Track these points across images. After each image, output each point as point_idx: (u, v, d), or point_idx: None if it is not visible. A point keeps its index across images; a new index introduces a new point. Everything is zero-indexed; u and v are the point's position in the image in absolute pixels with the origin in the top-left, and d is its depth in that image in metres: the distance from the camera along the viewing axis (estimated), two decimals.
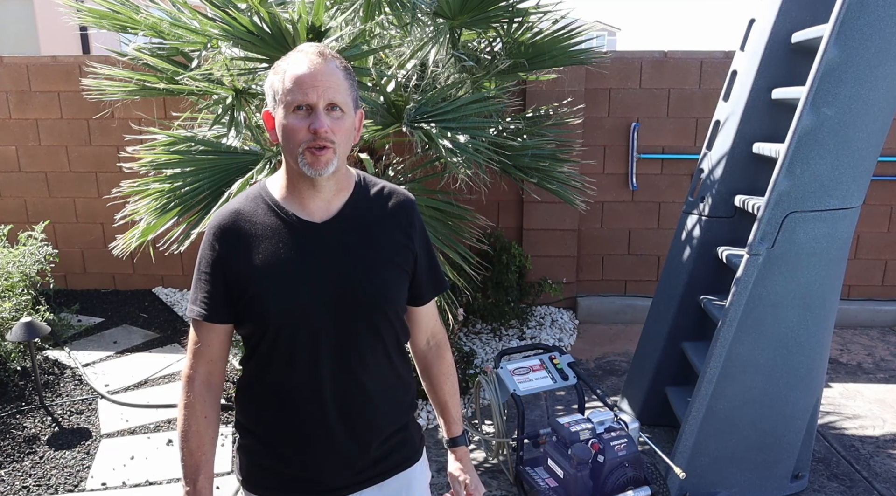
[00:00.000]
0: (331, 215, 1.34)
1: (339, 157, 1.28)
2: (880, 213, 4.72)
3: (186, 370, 1.36)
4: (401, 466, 1.45)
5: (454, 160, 2.71)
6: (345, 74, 1.28)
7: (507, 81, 3.35)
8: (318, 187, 1.31)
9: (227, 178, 2.92)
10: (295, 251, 1.30)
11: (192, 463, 1.32)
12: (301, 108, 1.24)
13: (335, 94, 1.25)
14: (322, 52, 1.27)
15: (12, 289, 3.89)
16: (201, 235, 2.98)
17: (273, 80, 1.29)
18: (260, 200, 1.35)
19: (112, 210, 4.99)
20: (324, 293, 1.29)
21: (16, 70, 4.82)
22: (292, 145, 1.26)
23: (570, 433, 2.40)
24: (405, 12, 2.98)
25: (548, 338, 4.44)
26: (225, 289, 1.31)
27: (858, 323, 4.72)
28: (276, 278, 1.28)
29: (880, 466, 3.02)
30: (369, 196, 1.40)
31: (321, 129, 1.23)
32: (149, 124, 4.77)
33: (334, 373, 1.32)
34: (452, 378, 1.57)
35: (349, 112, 1.29)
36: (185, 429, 1.33)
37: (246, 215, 1.33)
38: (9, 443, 3.18)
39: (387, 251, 1.36)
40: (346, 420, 1.34)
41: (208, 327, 1.33)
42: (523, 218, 4.80)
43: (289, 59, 1.28)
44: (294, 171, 1.30)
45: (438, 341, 1.56)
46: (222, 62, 2.85)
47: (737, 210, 3.03)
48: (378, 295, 1.33)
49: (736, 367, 2.60)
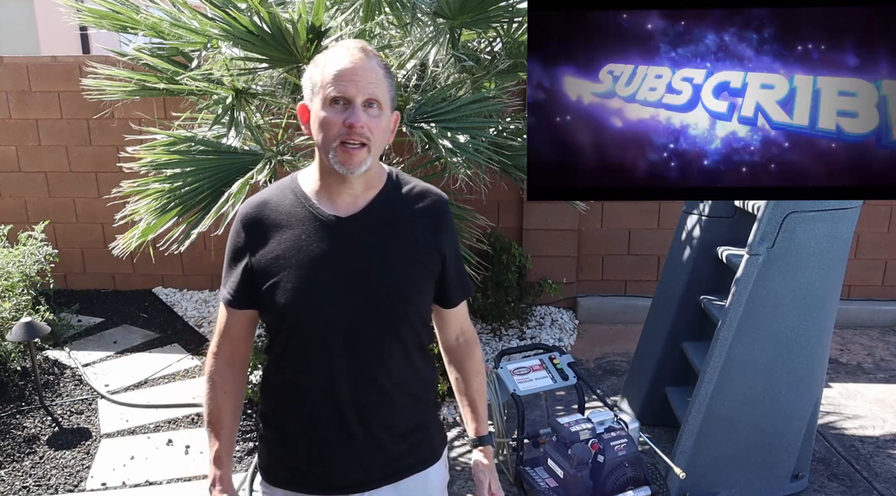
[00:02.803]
0: (357, 210, 1.32)
1: (372, 156, 1.27)
2: (880, 213, 4.72)
3: (212, 347, 1.41)
4: (417, 466, 1.43)
5: (454, 160, 2.71)
6: (385, 72, 1.28)
7: (507, 81, 3.35)
8: (347, 183, 1.31)
9: (227, 178, 2.92)
10: (316, 244, 1.29)
11: (212, 432, 1.40)
12: (338, 101, 1.23)
13: (374, 90, 1.24)
14: (364, 48, 1.27)
15: (12, 289, 3.89)
16: (201, 235, 2.98)
17: (312, 73, 1.28)
18: (289, 191, 1.35)
19: (112, 210, 4.98)
20: (340, 288, 1.29)
21: (16, 70, 4.82)
22: (326, 139, 1.25)
23: (570, 433, 2.40)
24: (405, 12, 2.98)
25: (548, 338, 4.44)
26: (248, 277, 1.32)
27: (858, 323, 4.72)
28: (295, 269, 1.28)
29: (880, 466, 3.02)
30: (400, 193, 1.38)
31: (357, 124, 1.21)
32: (149, 124, 4.76)
33: (349, 369, 1.31)
34: (481, 376, 1.55)
35: (386, 111, 1.28)
36: (207, 403, 1.40)
37: (273, 205, 1.34)
38: (9, 443, 3.18)
39: (410, 249, 1.34)
40: (361, 417, 1.34)
41: (232, 311, 1.37)
42: (523, 218, 4.80)
43: (330, 54, 1.27)
44: (325, 165, 1.29)
45: (468, 338, 1.54)
46: (222, 62, 2.85)
47: (737, 210, 3.03)
48: (396, 293, 1.32)
49: (736, 367, 2.60)
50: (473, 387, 1.53)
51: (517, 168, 3.22)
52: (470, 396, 1.53)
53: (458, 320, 1.51)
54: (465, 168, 2.79)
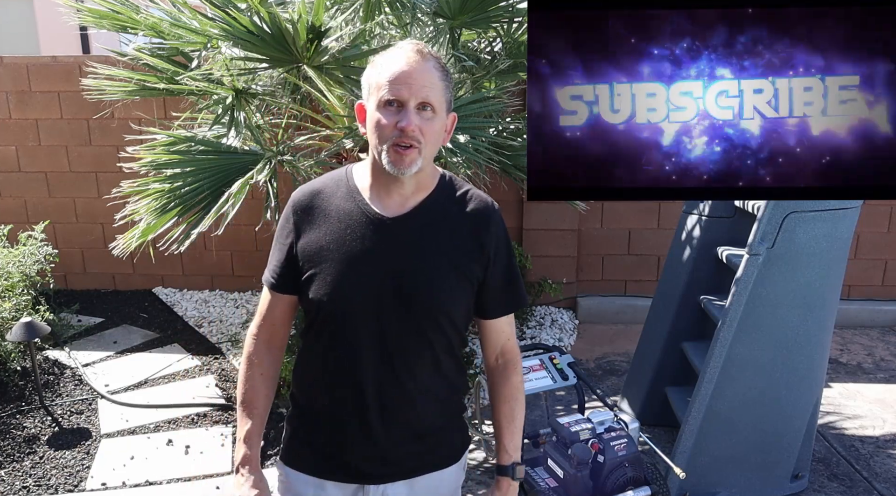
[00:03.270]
0: (403, 212, 1.33)
1: (424, 158, 1.27)
2: (880, 213, 4.72)
3: (253, 328, 1.43)
4: (434, 466, 1.43)
5: (454, 160, 2.71)
6: (441, 75, 1.28)
7: (507, 81, 3.35)
8: (398, 183, 1.31)
9: (227, 178, 2.92)
10: (359, 241, 1.31)
11: (246, 412, 1.40)
12: (392, 103, 1.24)
13: (428, 93, 1.24)
14: (421, 50, 1.27)
15: (12, 289, 3.88)
16: (201, 235, 2.98)
17: (370, 74, 1.29)
18: (342, 183, 1.37)
19: (112, 210, 4.98)
20: (375, 288, 1.30)
21: (16, 70, 4.82)
22: (379, 140, 1.26)
23: (570, 433, 2.40)
24: (405, 12, 2.98)
25: (548, 338, 4.44)
26: (292, 262, 1.35)
27: (858, 323, 4.72)
28: (335, 263, 1.30)
29: (880, 466, 3.02)
30: (450, 198, 1.38)
31: (408, 127, 1.22)
32: (149, 124, 4.76)
33: (376, 368, 1.32)
34: (513, 403, 1.47)
35: (441, 113, 1.28)
36: (244, 381, 1.41)
37: (325, 195, 1.36)
38: (9, 443, 3.18)
39: (452, 256, 1.33)
40: (383, 414, 1.34)
41: (273, 294, 1.40)
42: (523, 218, 4.79)
43: (387, 55, 1.28)
44: (377, 164, 1.30)
45: (507, 361, 1.48)
46: (222, 62, 2.85)
47: (737, 210, 3.03)
48: (430, 300, 1.31)
49: (736, 367, 2.60)
50: (503, 413, 1.47)
51: (517, 168, 3.22)
52: (498, 422, 1.48)
53: (499, 338, 1.46)
54: (465, 168, 2.79)
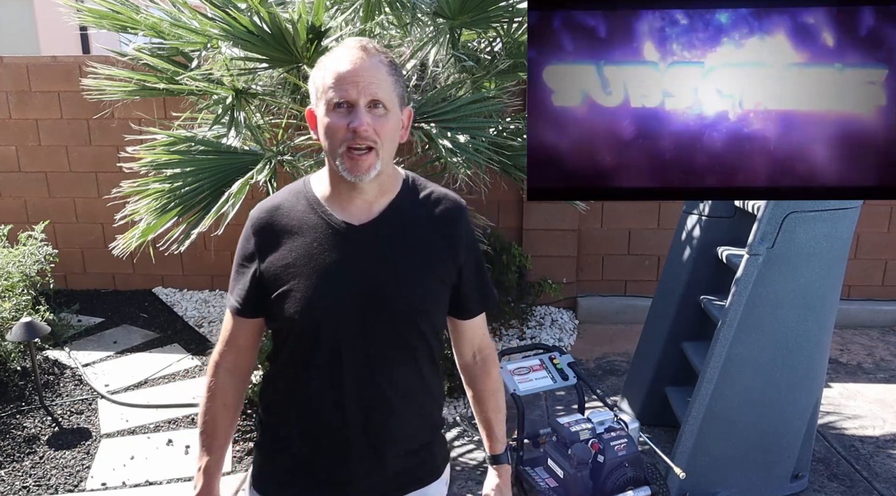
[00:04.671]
0: (371, 218, 1.28)
1: (382, 160, 1.22)
2: (880, 213, 4.72)
3: (215, 355, 1.36)
4: (418, 484, 1.39)
5: (454, 160, 2.71)
6: (389, 69, 1.22)
7: (507, 81, 3.35)
8: (359, 189, 1.26)
9: (227, 178, 2.92)
10: (328, 252, 1.25)
11: (206, 443, 1.34)
12: (341, 105, 1.19)
13: (377, 90, 1.19)
14: (365, 46, 1.22)
15: (12, 289, 3.88)
16: (201, 235, 2.98)
17: (315, 77, 1.24)
18: (301, 196, 1.31)
19: (112, 210, 4.98)
20: (352, 298, 1.25)
21: (16, 70, 4.82)
22: (332, 145, 1.21)
23: (570, 433, 2.40)
24: (405, 12, 2.98)
25: (548, 338, 4.44)
26: (257, 284, 1.29)
27: (858, 323, 4.72)
28: (305, 278, 1.25)
29: (880, 466, 3.02)
30: (415, 199, 1.33)
31: (361, 128, 1.17)
32: (149, 124, 4.76)
33: (358, 381, 1.27)
34: (498, 395, 1.50)
35: (394, 110, 1.22)
36: (205, 412, 1.35)
37: (286, 210, 1.30)
38: (9, 443, 3.18)
39: (426, 259, 1.30)
40: (367, 430, 1.30)
41: (238, 320, 1.33)
42: (523, 218, 4.80)
43: (332, 55, 1.23)
44: (335, 172, 1.25)
45: (485, 357, 1.48)
46: (222, 62, 2.85)
47: (737, 210, 3.03)
48: (409, 305, 1.28)
49: (736, 367, 2.60)
50: (489, 407, 1.49)
51: (517, 168, 3.22)
52: (486, 416, 1.50)
53: (475, 335, 1.46)
54: (465, 168, 2.79)
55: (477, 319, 1.45)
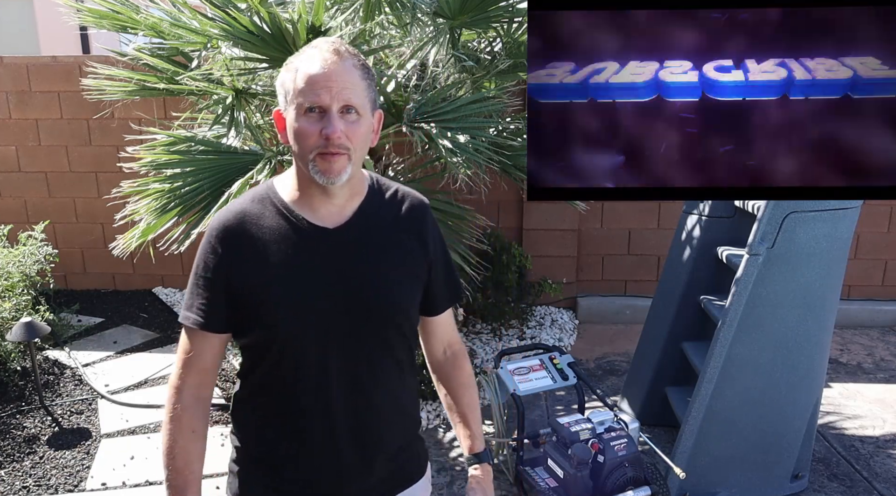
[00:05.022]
0: (343, 221, 1.26)
1: (353, 164, 1.19)
2: (880, 213, 4.72)
3: (175, 380, 1.26)
4: (405, 484, 1.39)
5: (454, 160, 2.71)
6: (362, 73, 1.19)
7: (507, 81, 3.35)
8: (330, 193, 1.23)
9: (227, 178, 2.92)
10: (306, 258, 1.22)
11: (179, 481, 1.24)
12: (313, 110, 1.15)
13: (350, 96, 1.16)
14: (337, 49, 1.18)
15: (12, 289, 3.89)
16: (202, 235, 2.97)
17: (285, 79, 1.20)
18: (268, 202, 1.26)
19: (112, 210, 4.98)
20: (335, 303, 1.22)
21: (16, 70, 4.82)
22: (303, 150, 1.18)
23: (570, 433, 2.40)
24: (405, 12, 2.98)
25: (548, 338, 4.44)
26: (227, 297, 1.23)
27: (858, 323, 4.72)
28: (287, 286, 1.21)
29: (880, 466, 3.02)
30: (383, 200, 1.31)
31: (334, 135, 1.14)
32: (149, 124, 4.76)
33: (344, 387, 1.25)
34: (472, 389, 1.47)
35: (366, 114, 1.19)
36: (170, 445, 1.24)
37: (252, 217, 1.24)
38: (9, 443, 3.18)
39: (401, 260, 1.29)
40: (355, 436, 1.28)
41: (203, 336, 1.25)
42: (523, 218, 4.80)
43: (302, 56, 1.19)
44: (305, 175, 1.22)
45: (455, 351, 1.47)
46: (222, 62, 2.85)
47: (737, 210, 3.03)
48: (392, 306, 1.27)
49: (736, 367, 2.60)
50: (464, 402, 1.45)
51: (517, 168, 3.22)
52: (461, 412, 1.46)
53: (445, 331, 1.45)
54: (465, 168, 2.78)
55: (446, 315, 1.44)
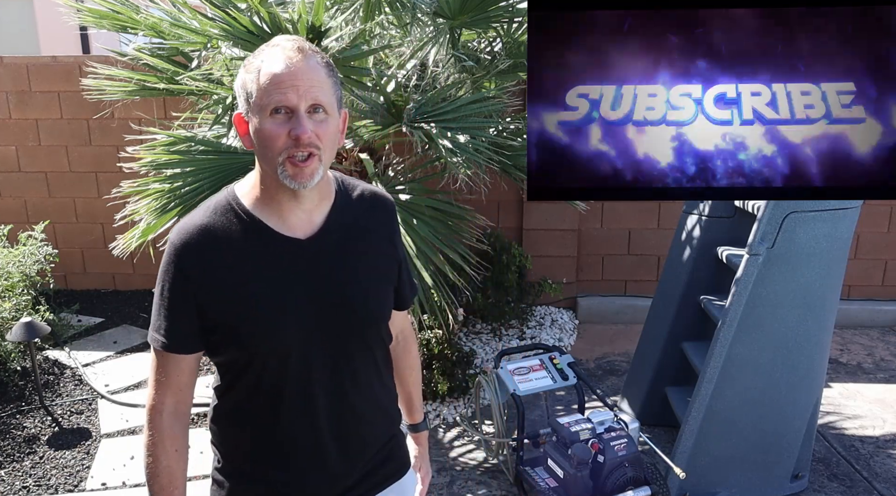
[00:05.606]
0: (314, 229, 1.21)
1: (323, 165, 1.15)
2: (880, 213, 4.72)
3: (151, 401, 1.23)
4: (391, 478, 1.39)
5: (454, 160, 2.71)
6: (327, 71, 1.14)
7: (507, 81, 3.35)
8: (299, 199, 1.18)
9: (227, 178, 2.92)
10: (279, 272, 1.18)
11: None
12: (280, 111, 1.10)
13: (318, 94, 1.11)
14: (301, 47, 1.13)
15: (12, 289, 3.88)
16: None
17: (245, 80, 1.14)
18: (231, 213, 1.19)
19: (112, 210, 4.98)
20: (314, 317, 1.19)
21: (16, 70, 4.82)
22: (271, 154, 1.12)
23: (570, 433, 2.40)
24: (405, 12, 2.98)
25: (548, 338, 4.44)
26: (197, 317, 1.18)
27: (858, 323, 4.72)
28: (262, 303, 1.17)
29: (880, 466, 3.02)
30: (351, 203, 1.28)
31: (304, 135, 1.09)
32: (149, 124, 4.76)
33: (327, 396, 1.24)
34: (418, 369, 1.58)
35: (333, 113, 1.15)
36: (153, 464, 1.21)
37: (216, 231, 1.17)
38: (9, 443, 3.18)
39: (375, 264, 1.29)
40: (339, 441, 1.27)
41: (175, 358, 1.22)
42: (523, 218, 4.80)
43: (262, 55, 1.13)
44: (273, 180, 1.15)
45: (406, 337, 1.53)
46: (222, 62, 2.85)
47: (737, 210, 3.03)
48: (371, 312, 1.27)
49: (736, 367, 2.60)
50: (411, 381, 1.56)
51: (517, 168, 3.23)
52: (407, 390, 1.56)
53: (400, 320, 1.47)
54: (465, 168, 2.79)
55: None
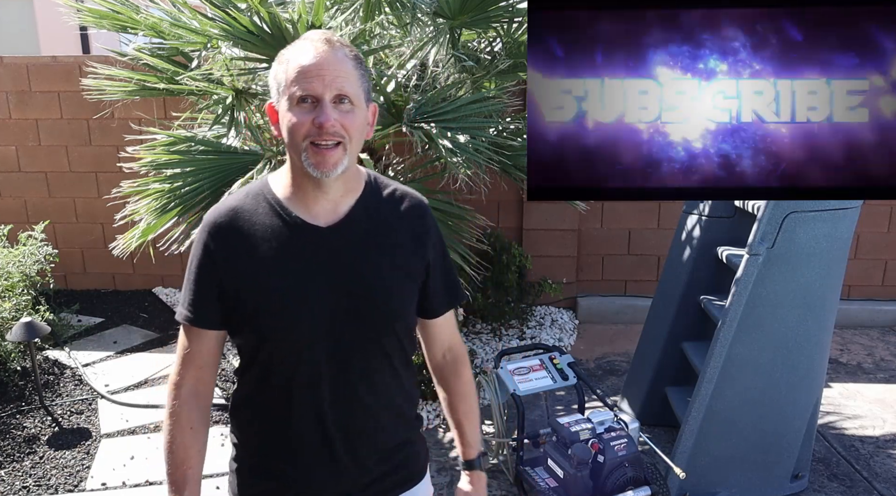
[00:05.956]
0: (338, 219, 1.23)
1: (349, 156, 1.17)
2: (880, 213, 4.72)
3: (174, 376, 1.26)
4: (403, 485, 1.36)
5: (454, 160, 2.71)
6: (355, 64, 1.17)
7: (507, 81, 3.35)
8: (324, 188, 1.20)
9: (227, 178, 2.92)
10: (297, 258, 1.20)
11: (178, 477, 1.24)
12: (306, 100, 1.13)
13: (344, 84, 1.14)
14: (329, 39, 1.17)
15: (12, 289, 3.88)
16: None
17: (277, 71, 1.18)
18: (261, 199, 1.23)
19: (112, 210, 4.98)
20: (327, 305, 1.20)
21: (16, 70, 4.82)
22: (296, 141, 1.15)
23: (570, 433, 2.40)
24: (405, 12, 2.98)
25: (548, 338, 4.44)
26: (219, 294, 1.21)
27: (858, 323, 4.72)
28: (276, 287, 1.19)
29: (880, 466, 3.02)
30: (380, 198, 1.28)
31: (327, 123, 1.12)
32: (149, 124, 4.76)
33: (335, 388, 1.23)
34: (469, 397, 1.44)
35: (360, 105, 1.18)
36: (170, 440, 1.24)
37: (245, 214, 1.22)
38: (9, 443, 3.18)
39: (397, 260, 1.26)
40: (347, 438, 1.26)
41: (198, 333, 1.24)
42: (523, 218, 4.80)
43: (294, 48, 1.18)
44: (298, 169, 1.19)
45: (456, 356, 1.44)
46: (222, 62, 2.85)
47: (737, 210, 3.03)
48: (386, 307, 1.25)
49: (736, 367, 2.60)
50: (461, 410, 1.44)
51: (517, 168, 3.22)
52: (457, 419, 1.45)
53: (445, 334, 1.42)
54: (465, 168, 2.79)
55: (446, 317, 1.40)
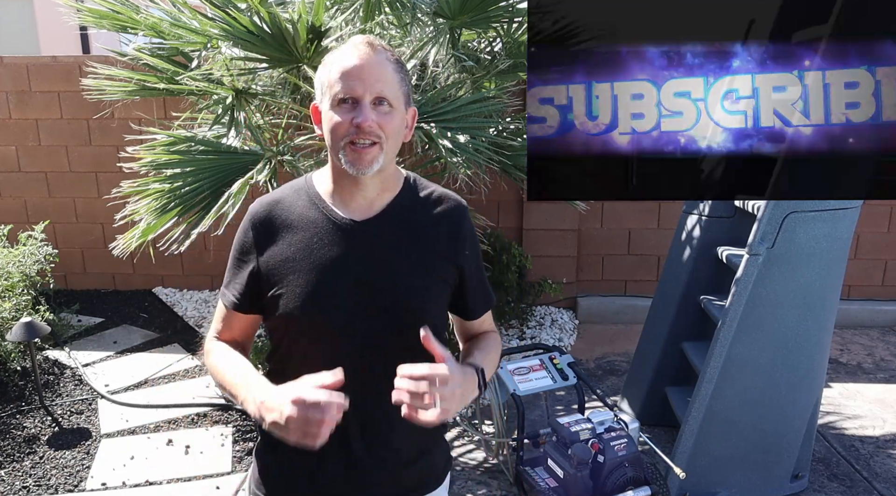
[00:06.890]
0: (372, 215, 1.27)
1: (385, 155, 1.21)
2: (880, 213, 4.71)
3: (211, 332, 1.35)
4: (421, 489, 1.36)
5: (454, 160, 2.71)
6: (395, 67, 1.22)
7: (507, 81, 3.35)
8: (361, 185, 1.25)
9: (227, 178, 2.92)
10: (328, 248, 1.24)
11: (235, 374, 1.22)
12: (346, 101, 1.19)
13: (383, 87, 1.19)
14: (371, 42, 1.21)
15: (12, 289, 3.88)
16: (201, 235, 2.98)
17: (321, 73, 1.24)
18: (302, 192, 1.30)
19: (112, 210, 4.97)
20: (350, 296, 1.23)
21: (16, 70, 4.82)
22: (335, 140, 1.21)
23: (570, 433, 2.40)
24: (405, 12, 2.98)
25: (548, 338, 4.44)
26: (254, 280, 1.27)
27: (858, 323, 4.72)
28: (304, 274, 1.23)
29: (880, 466, 3.02)
30: (417, 198, 1.32)
31: (364, 123, 1.17)
32: (149, 124, 4.76)
33: (356, 383, 1.19)
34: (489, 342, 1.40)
35: (399, 107, 1.22)
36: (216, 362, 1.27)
37: (286, 205, 1.29)
38: (9, 443, 3.18)
39: (427, 259, 1.28)
40: (364, 436, 1.27)
41: (234, 314, 1.32)
42: (523, 218, 4.80)
43: (338, 52, 1.23)
44: (337, 166, 1.24)
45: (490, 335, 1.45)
46: (222, 62, 2.85)
47: (737, 210, 3.03)
48: (409, 305, 1.26)
49: (736, 367, 2.60)
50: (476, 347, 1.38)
51: (517, 168, 3.22)
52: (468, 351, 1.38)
53: (484, 327, 1.45)
54: (465, 168, 2.79)
55: (484, 317, 1.45)
